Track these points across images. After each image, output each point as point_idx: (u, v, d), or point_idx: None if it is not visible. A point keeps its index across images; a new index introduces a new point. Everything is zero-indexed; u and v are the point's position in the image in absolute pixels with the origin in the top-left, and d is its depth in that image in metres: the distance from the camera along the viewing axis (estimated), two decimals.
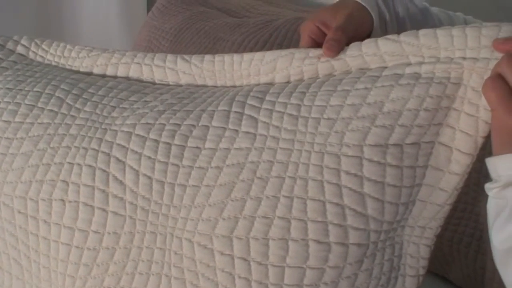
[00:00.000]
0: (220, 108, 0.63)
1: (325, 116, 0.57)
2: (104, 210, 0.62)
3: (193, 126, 0.62)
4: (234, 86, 0.68)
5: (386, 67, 0.57)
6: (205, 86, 0.71)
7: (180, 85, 0.72)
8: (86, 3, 1.55)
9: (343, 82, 0.58)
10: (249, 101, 0.62)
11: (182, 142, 0.61)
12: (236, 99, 0.63)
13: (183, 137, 0.61)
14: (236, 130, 0.60)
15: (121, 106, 0.68)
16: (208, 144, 0.60)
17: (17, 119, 0.69)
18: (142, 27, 1.39)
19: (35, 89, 0.72)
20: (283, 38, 1.14)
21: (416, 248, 0.59)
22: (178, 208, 0.60)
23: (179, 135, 0.62)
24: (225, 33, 1.22)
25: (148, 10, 1.53)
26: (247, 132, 0.59)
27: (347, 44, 0.61)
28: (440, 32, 0.55)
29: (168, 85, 0.72)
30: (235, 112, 0.61)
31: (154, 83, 0.73)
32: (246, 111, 0.61)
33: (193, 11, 1.33)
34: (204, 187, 0.59)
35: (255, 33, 1.16)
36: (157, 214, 0.60)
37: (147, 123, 0.64)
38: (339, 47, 0.59)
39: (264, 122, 0.59)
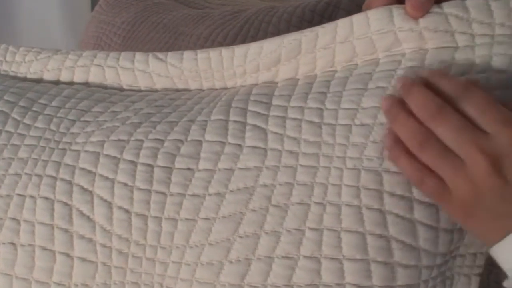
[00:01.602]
0: (213, 117, 0.50)
1: (357, 121, 0.45)
2: (68, 255, 0.49)
3: (180, 141, 0.49)
4: (225, 88, 0.56)
5: (427, 51, 0.46)
6: (187, 90, 0.58)
7: (156, 91, 0.59)
8: None
9: (374, 77, 0.47)
10: (251, 107, 0.50)
11: (167, 163, 0.49)
12: (233, 105, 0.51)
13: (168, 156, 0.49)
14: (239, 145, 0.48)
15: (82, 119, 0.55)
16: (202, 164, 0.48)
17: None
18: (89, 23, 1.25)
19: None
20: (256, 31, 1.02)
21: (467, 281, 0.48)
22: (168, 250, 0.47)
23: (162, 154, 0.49)
24: (187, 27, 1.09)
25: (93, 3, 1.37)
26: (254, 147, 0.47)
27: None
28: (495, 4, 0.45)
29: (140, 91, 0.60)
30: (235, 122, 0.49)
31: (121, 89, 0.60)
32: (250, 120, 0.49)
33: (147, 3, 1.20)
34: (202, 220, 0.47)
35: (222, 26, 1.04)
36: (140, 259, 0.48)
37: (119, 140, 0.51)
38: (429, 4, 0.46)
39: (276, 133, 0.47)
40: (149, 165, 0.49)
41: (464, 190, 0.39)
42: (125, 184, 0.49)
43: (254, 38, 1.01)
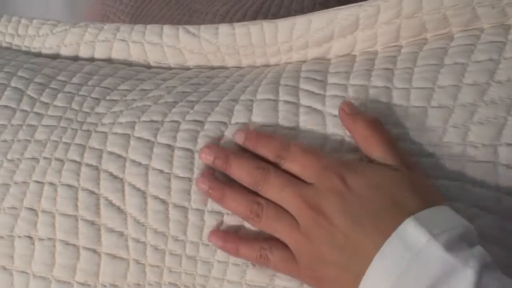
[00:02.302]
0: (260, 96, 0.44)
1: (433, 103, 0.40)
2: (94, 251, 0.43)
3: (223, 124, 0.43)
4: (267, 65, 0.50)
5: (510, 26, 0.40)
6: (223, 67, 0.52)
7: (187, 68, 0.53)
8: None
9: (451, 52, 0.42)
10: (304, 86, 0.44)
11: None
12: (282, 83, 0.45)
13: (210, 140, 0.42)
14: (293, 128, 0.41)
15: (108, 98, 0.48)
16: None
17: None
18: (94, 0, 1.17)
19: None
20: (277, 8, 0.96)
21: None
22: (213, 248, 0.42)
23: (203, 138, 0.43)
24: (202, 4, 1.03)
25: None
26: (312, 132, 0.41)
27: None
28: None
29: (169, 68, 0.53)
30: (286, 102, 0.43)
31: (148, 66, 0.54)
32: (303, 101, 0.43)
33: None
34: None
35: (240, 2, 0.98)
36: (179, 257, 0.42)
37: (152, 121, 0.45)
38: None
39: (336, 116, 0.41)
40: (188, 149, 0.44)
41: (303, 250, 0.38)
42: (161, 171, 0.43)
43: (276, 16, 0.94)
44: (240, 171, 0.41)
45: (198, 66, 0.53)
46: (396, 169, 0.38)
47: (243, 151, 0.43)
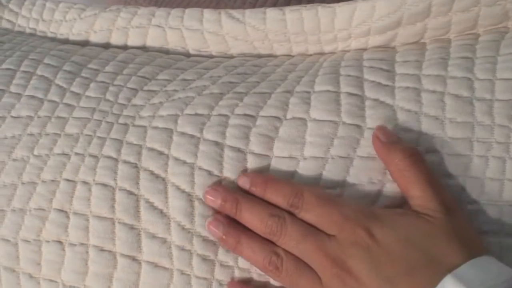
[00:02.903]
0: (318, 88, 0.39)
1: None
2: (133, 259, 0.39)
3: (277, 119, 0.38)
4: (321, 53, 0.45)
5: None
6: (272, 56, 0.46)
7: (231, 56, 0.47)
8: None
9: None
10: (369, 76, 0.39)
11: (264, 148, 0.38)
12: (342, 72, 0.40)
13: (264, 140, 0.37)
14: (359, 126, 0.36)
15: (146, 88, 0.43)
16: (309, 151, 0.37)
17: None
18: None
19: (3, 66, 0.46)
20: None
21: None
22: None
23: (256, 135, 0.37)
24: None
25: None
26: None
27: None
28: None
29: (211, 56, 0.48)
30: (349, 94, 0.38)
31: (187, 55, 0.48)
32: (369, 93, 0.38)
33: None
34: None
35: None
36: (231, 269, 0.40)
37: (197, 114, 0.40)
38: None
39: (409, 111, 0.37)
40: (239, 150, 0.38)
41: None
42: (210, 173, 0.38)
43: (311, 1, 0.88)
44: (252, 219, 0.37)
45: (242, 54, 0.48)
46: (432, 215, 0.34)
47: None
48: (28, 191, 0.41)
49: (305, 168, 0.37)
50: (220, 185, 0.39)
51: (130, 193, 0.39)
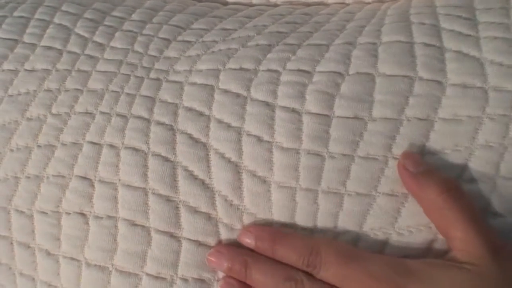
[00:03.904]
0: (387, 38, 0.33)
1: None
2: (171, 235, 0.34)
3: (339, 74, 0.32)
4: (381, 1, 0.38)
5: None
6: (323, 4, 0.40)
7: (274, 5, 0.40)
8: None
9: None
10: (446, 24, 0.34)
11: (323, 108, 0.33)
12: (413, 20, 0.34)
13: (323, 98, 0.31)
14: (439, 82, 0.30)
15: (180, 38, 0.37)
16: (379, 111, 0.31)
17: None
18: None
19: (15, 14, 0.40)
20: None
21: None
22: (335, 236, 0.30)
23: (314, 93, 0.31)
24: None
25: None
26: (465, 87, 0.29)
27: None
28: None
29: (251, 4, 0.41)
30: (425, 45, 0.33)
31: (224, 3, 0.41)
32: (449, 43, 0.32)
33: None
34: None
35: None
36: None
37: (242, 69, 0.33)
38: None
39: (501, 65, 0.30)
40: (294, 110, 0.32)
41: None
42: (259, 139, 0.32)
43: None
44: (265, 284, 0.31)
45: (288, 1, 0.41)
46: (477, 264, 0.28)
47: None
48: (45, 155, 0.35)
49: (373, 131, 0.31)
50: (224, 245, 0.33)
51: (166, 159, 0.33)
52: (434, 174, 0.30)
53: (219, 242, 0.33)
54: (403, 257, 0.31)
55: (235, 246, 0.33)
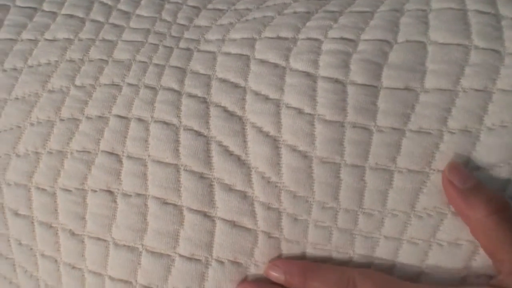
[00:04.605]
0: (437, 5, 0.32)
1: None
2: (205, 215, 0.32)
3: (387, 43, 0.29)
4: None
5: None
6: None
7: None
8: None
9: None
10: None
11: (369, 78, 0.31)
12: None
13: (369, 67, 0.29)
14: (497, 51, 0.28)
15: (210, 6, 0.35)
16: (430, 82, 0.28)
17: (2, 36, 0.37)
18: None
19: None
20: None
21: None
22: (379, 217, 0.27)
23: (359, 63, 0.29)
24: None
25: None
26: None
27: None
28: None
29: None
30: (479, 12, 0.31)
31: None
32: (505, 10, 0.31)
33: None
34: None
35: None
36: (328, 230, 0.32)
37: (279, 38, 0.31)
38: None
39: None
40: (337, 80, 0.29)
41: None
42: (300, 111, 0.29)
43: None
44: None
45: None
46: None
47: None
48: (68, 129, 0.32)
49: (426, 103, 0.29)
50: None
51: (199, 133, 0.31)
52: (483, 191, 0.28)
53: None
54: (457, 244, 0.28)
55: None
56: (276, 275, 0.30)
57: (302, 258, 0.31)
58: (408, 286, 0.28)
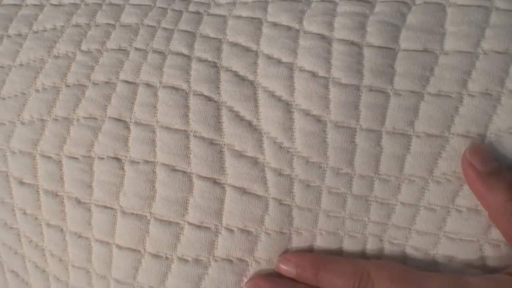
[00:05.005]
0: None
1: None
2: (215, 182, 0.31)
3: (404, 4, 0.29)
4: None
5: None
6: None
7: None
8: None
9: None
10: None
11: (386, 38, 0.28)
12: None
13: (386, 28, 0.28)
14: None
15: None
16: (453, 43, 0.26)
17: (6, 1, 0.34)
18: None
19: None
20: None
21: None
22: (395, 184, 0.26)
23: (375, 23, 0.27)
24: None
25: None
26: None
27: None
28: None
29: None
30: None
31: None
32: None
33: None
34: None
35: None
36: (342, 197, 0.30)
37: (292, 0, 0.29)
38: None
39: None
40: (353, 43, 0.28)
41: None
42: (314, 74, 0.28)
43: None
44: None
45: None
46: None
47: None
48: (74, 95, 0.31)
49: (446, 65, 0.27)
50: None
51: (209, 99, 0.30)
52: (504, 175, 0.27)
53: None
54: (477, 210, 0.27)
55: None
56: (287, 268, 0.29)
57: (314, 225, 0.30)
58: (423, 276, 0.27)
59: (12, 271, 0.35)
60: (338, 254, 0.30)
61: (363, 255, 0.30)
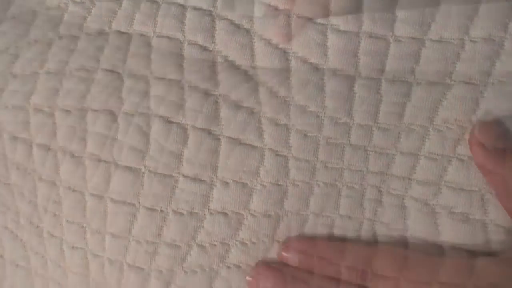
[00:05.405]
0: None
1: None
2: (210, 133, 0.30)
3: None
4: None
5: None
6: None
7: None
8: None
9: None
10: None
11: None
12: None
13: None
14: None
15: None
16: None
17: None
18: None
19: None
20: None
21: None
22: (395, 134, 0.26)
23: None
24: None
25: None
26: None
27: None
28: None
29: None
30: None
31: None
32: None
33: None
34: None
35: None
36: (340, 147, 0.30)
37: None
38: None
39: None
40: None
41: None
42: (312, 21, 0.27)
43: None
44: None
45: None
46: None
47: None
48: (66, 47, 0.30)
49: (447, 11, 0.27)
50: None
51: (204, 48, 0.30)
52: None
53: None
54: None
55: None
56: (289, 256, 0.29)
57: (311, 176, 0.29)
58: (432, 262, 0.27)
59: (6, 227, 0.34)
60: (335, 206, 0.29)
61: (361, 206, 0.29)
